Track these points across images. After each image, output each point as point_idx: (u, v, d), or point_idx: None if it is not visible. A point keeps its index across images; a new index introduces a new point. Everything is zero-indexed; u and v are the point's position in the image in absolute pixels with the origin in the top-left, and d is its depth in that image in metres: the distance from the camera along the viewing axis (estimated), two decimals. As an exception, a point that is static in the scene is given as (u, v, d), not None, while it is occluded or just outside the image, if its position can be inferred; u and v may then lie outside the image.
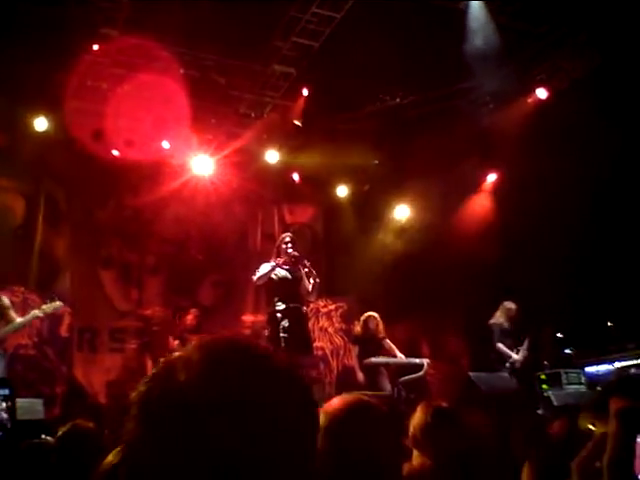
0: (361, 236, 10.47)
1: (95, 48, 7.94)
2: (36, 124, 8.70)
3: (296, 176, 10.68)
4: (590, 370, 7.23)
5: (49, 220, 9.50)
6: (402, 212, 10.98)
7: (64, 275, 9.43)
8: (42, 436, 5.03)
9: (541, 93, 8.98)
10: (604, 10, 7.30)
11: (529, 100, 9.16)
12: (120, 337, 9.47)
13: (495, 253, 8.95)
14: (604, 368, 7.08)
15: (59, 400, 8.23)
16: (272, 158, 10.11)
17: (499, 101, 9.46)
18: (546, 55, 8.70)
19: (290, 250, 6.58)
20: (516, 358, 7.75)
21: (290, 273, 6.54)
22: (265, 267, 6.49)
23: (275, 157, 10.10)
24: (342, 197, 10.98)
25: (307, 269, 6.57)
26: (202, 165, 9.72)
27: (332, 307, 10.18)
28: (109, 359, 9.27)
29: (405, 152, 9.91)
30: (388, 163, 10.50)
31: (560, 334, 8.03)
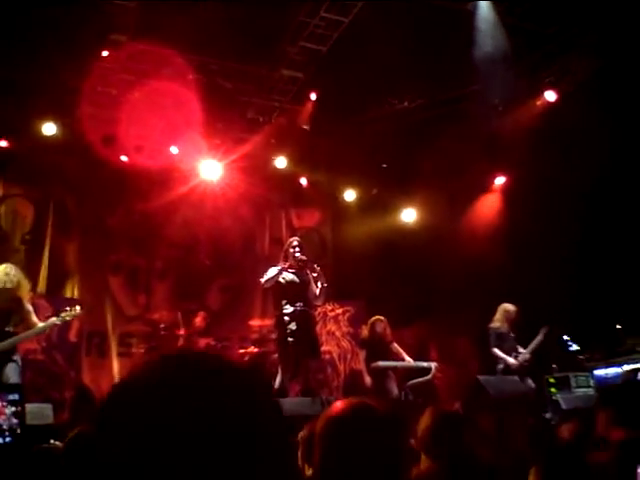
0: (368, 240, 10.45)
1: (105, 54, 7.98)
2: (45, 130, 8.75)
3: (304, 180, 10.69)
4: (599, 373, 7.19)
5: (58, 226, 9.56)
6: (410, 216, 10.97)
7: (73, 280, 9.49)
8: (51, 441, 5.06)
9: (550, 96, 8.95)
10: (611, 12, 7.27)
11: (538, 103, 9.13)
12: (128, 342, 9.50)
13: (503, 256, 8.92)
14: (613, 371, 7.04)
15: (68, 405, 8.25)
16: (280, 163, 10.13)
17: (508, 104, 9.44)
18: (555, 57, 8.68)
19: (298, 254, 6.59)
20: (510, 362, 7.63)
21: (298, 277, 6.55)
22: (272, 271, 6.51)
23: (283, 162, 10.13)
24: (350, 201, 10.98)
25: (316, 274, 6.58)
26: (210, 170, 9.75)
27: (339, 311, 10.17)
28: (117, 364, 9.31)
29: (413, 156, 9.90)
30: (396, 167, 10.50)
31: (566, 336, 7.98)
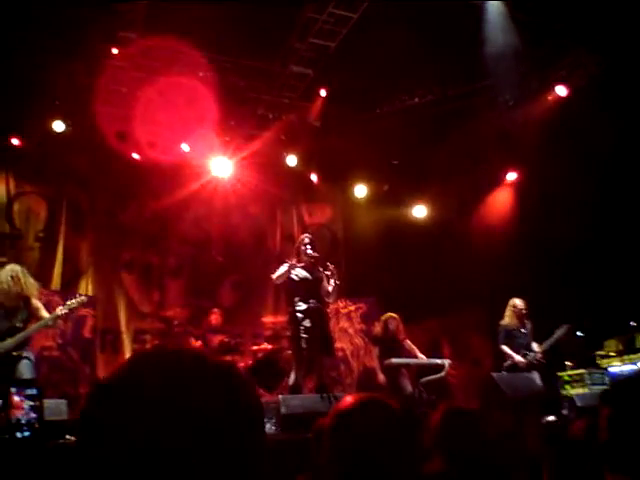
0: (380, 236, 10.44)
1: (115, 52, 8.02)
2: (57, 128, 8.80)
3: (314, 177, 10.69)
4: (614, 370, 7.15)
5: (71, 223, 9.62)
6: (421, 212, 10.95)
7: (87, 277, 9.56)
8: (66, 436, 5.11)
9: (561, 90, 8.88)
10: (621, 6, 7.20)
11: (549, 97, 9.07)
12: (142, 338, 9.56)
13: (516, 251, 8.88)
14: (628, 368, 7.00)
15: (82, 401, 8.31)
16: (291, 161, 10.15)
17: (518, 99, 9.39)
18: (565, 52, 8.61)
19: (309, 251, 6.59)
20: (516, 360, 7.51)
21: (310, 273, 6.54)
22: (283, 267, 6.52)
23: (294, 160, 10.14)
24: (361, 197, 10.97)
25: (330, 272, 6.58)
26: (221, 167, 9.78)
27: (352, 308, 10.16)
28: (132, 360, 9.35)
29: (424, 151, 9.87)
30: (407, 163, 10.48)
31: (580, 332, 7.92)
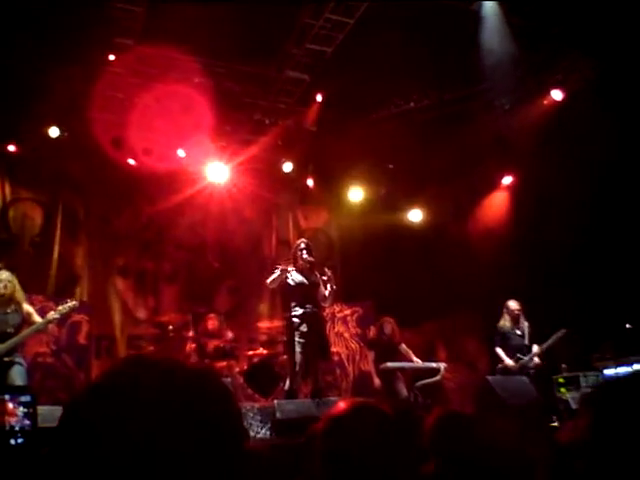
0: (375, 241, 10.44)
1: (111, 58, 8.03)
2: (53, 134, 8.81)
3: (310, 182, 10.70)
4: (609, 372, 7.16)
5: (67, 229, 9.62)
6: (417, 216, 10.96)
7: (82, 283, 9.54)
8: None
9: (556, 95, 8.91)
10: (616, 10, 7.23)
11: (544, 102, 9.09)
12: (137, 344, 9.52)
13: (511, 255, 8.89)
14: (623, 370, 7.00)
15: (70, 402, 8.27)
16: (287, 167, 10.17)
17: (514, 103, 9.42)
18: (561, 56, 8.64)
19: (305, 256, 6.60)
20: (506, 363, 7.53)
21: (306, 278, 6.55)
22: (276, 272, 6.53)
23: (290, 167, 10.16)
24: (357, 202, 10.98)
25: (326, 277, 6.60)
26: (217, 172, 9.78)
27: (348, 312, 10.16)
28: (127, 366, 9.32)
29: (420, 156, 9.89)
30: (402, 167, 10.49)
31: (577, 335, 7.91)
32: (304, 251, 6.63)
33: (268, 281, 6.56)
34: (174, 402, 0.80)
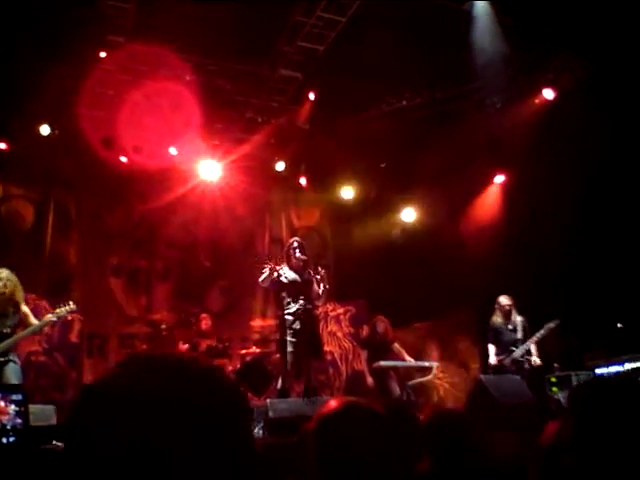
0: (368, 239, 10.45)
1: (103, 55, 7.99)
2: (44, 131, 8.77)
3: (303, 180, 10.69)
4: (600, 372, 7.19)
5: (59, 227, 9.58)
6: (410, 215, 10.97)
7: (74, 281, 9.50)
8: (54, 442, 5.06)
9: (548, 94, 8.93)
10: (608, 9, 7.26)
11: (536, 101, 9.12)
12: (129, 343, 9.51)
13: (504, 254, 8.91)
14: (614, 370, 7.04)
15: (69, 406, 8.26)
16: (280, 167, 10.16)
17: (506, 102, 9.44)
18: (553, 55, 8.67)
19: (298, 255, 6.60)
20: (490, 361, 7.55)
21: (299, 276, 6.56)
22: (266, 270, 6.52)
23: (282, 166, 10.15)
24: (349, 200, 10.98)
25: (320, 276, 6.60)
26: (209, 170, 9.76)
27: (341, 311, 10.17)
28: (119, 365, 9.28)
29: (412, 154, 9.89)
30: (395, 166, 10.50)
31: (570, 335, 7.94)
32: (297, 250, 6.63)
33: (260, 280, 6.56)
34: (174, 402, 0.80)
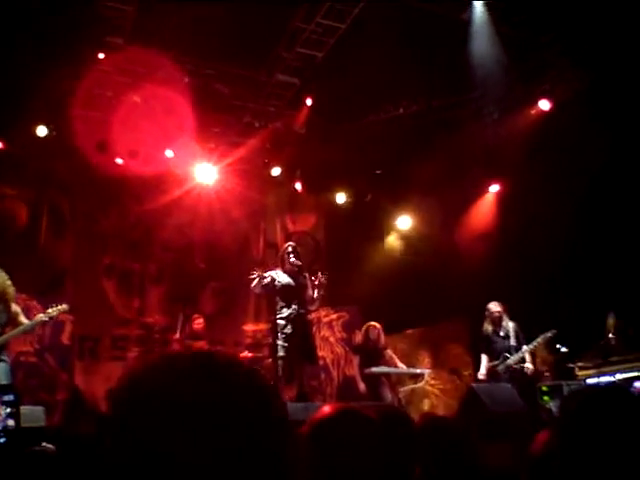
0: (363, 245, 10.47)
1: (101, 57, 7.99)
2: (40, 132, 8.75)
3: (299, 185, 10.70)
4: (591, 382, 7.20)
5: (52, 228, 9.54)
6: (404, 222, 10.99)
7: (67, 282, 9.46)
8: (43, 444, 5.04)
9: (544, 105, 8.97)
10: (606, 20, 7.30)
11: (532, 111, 9.15)
12: (122, 345, 9.48)
13: (497, 262, 8.94)
14: (605, 380, 7.05)
15: (60, 408, 8.22)
16: (275, 172, 10.18)
17: (502, 112, 9.48)
18: (549, 66, 8.71)
19: (293, 259, 6.60)
20: (479, 373, 7.53)
21: (293, 280, 6.56)
22: (255, 278, 6.48)
23: (278, 171, 10.17)
24: (344, 206, 10.99)
25: (318, 282, 6.60)
26: (205, 174, 9.76)
27: (333, 316, 10.16)
28: (110, 367, 9.25)
29: (408, 162, 9.92)
30: (390, 173, 10.52)
31: (560, 344, 7.97)
32: (291, 254, 6.64)
33: (252, 285, 6.55)
34: (210, 408, 0.77)
